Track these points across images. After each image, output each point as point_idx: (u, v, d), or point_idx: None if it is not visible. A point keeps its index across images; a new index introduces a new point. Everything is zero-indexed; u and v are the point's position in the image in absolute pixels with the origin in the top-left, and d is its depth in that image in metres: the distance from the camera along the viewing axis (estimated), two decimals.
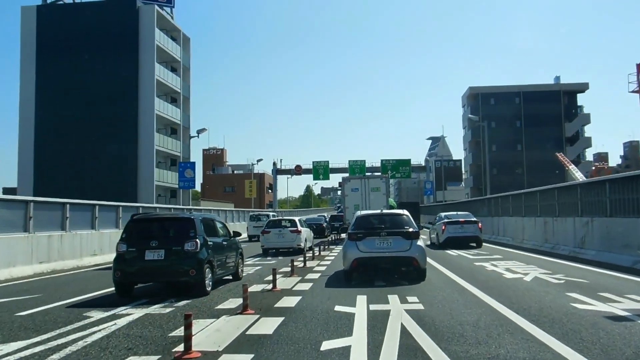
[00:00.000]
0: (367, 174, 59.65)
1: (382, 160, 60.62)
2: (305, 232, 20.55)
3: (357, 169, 60.04)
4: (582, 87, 71.61)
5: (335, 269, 13.15)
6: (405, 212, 11.77)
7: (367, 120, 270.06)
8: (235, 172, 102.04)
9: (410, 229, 10.91)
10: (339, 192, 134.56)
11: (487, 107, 71.14)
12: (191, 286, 9.42)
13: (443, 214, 22.71)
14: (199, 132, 32.52)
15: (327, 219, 38.46)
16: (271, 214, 33.13)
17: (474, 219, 21.30)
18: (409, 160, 61.44)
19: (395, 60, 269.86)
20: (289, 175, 71.40)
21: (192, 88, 54.59)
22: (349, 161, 60.47)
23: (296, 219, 21.15)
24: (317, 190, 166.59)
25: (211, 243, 9.91)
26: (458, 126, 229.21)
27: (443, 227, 20.71)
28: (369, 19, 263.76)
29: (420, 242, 10.85)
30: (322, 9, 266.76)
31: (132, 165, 44.95)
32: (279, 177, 71.24)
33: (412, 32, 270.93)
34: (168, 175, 49.09)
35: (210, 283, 9.66)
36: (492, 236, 23.53)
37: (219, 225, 11.24)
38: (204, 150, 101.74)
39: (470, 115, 31.59)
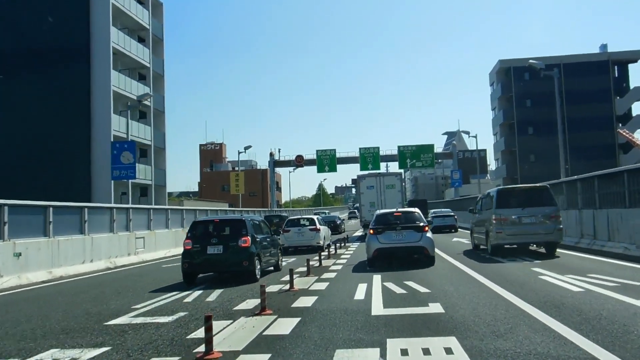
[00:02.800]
0: (381, 165, 50.42)
1: (399, 147, 50.77)
2: (324, 230, 21.23)
3: (369, 158, 50.32)
4: (635, 56, 60.48)
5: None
6: (417, 209, 14.24)
7: (376, 119, 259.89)
8: (235, 168, 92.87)
9: (421, 224, 13.11)
10: (353, 191, 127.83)
11: (520, 83, 60.71)
12: (244, 274, 11.36)
13: (432, 210, 31.81)
14: (139, 98, 23.16)
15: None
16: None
17: (452, 213, 30.66)
18: (431, 147, 51.44)
19: (410, 48, 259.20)
20: (291, 170, 61.80)
21: (188, 79, 45.61)
22: (360, 149, 50.77)
23: (315, 217, 21.98)
24: (331, 189, 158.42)
25: (258, 239, 11.87)
26: (480, 117, 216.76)
27: (430, 219, 27.29)
28: (380, 10, 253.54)
29: (429, 234, 13.09)
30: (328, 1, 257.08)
31: (83, 156, 35.53)
32: (281, 170, 62.09)
33: (431, 18, 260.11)
34: (135, 169, 39.60)
35: (259, 272, 11.67)
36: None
37: (263, 224, 13.26)
38: (201, 145, 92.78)
39: (531, 61, 21.56)
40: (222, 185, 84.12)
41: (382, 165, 51.80)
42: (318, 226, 20.61)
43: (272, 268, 13.31)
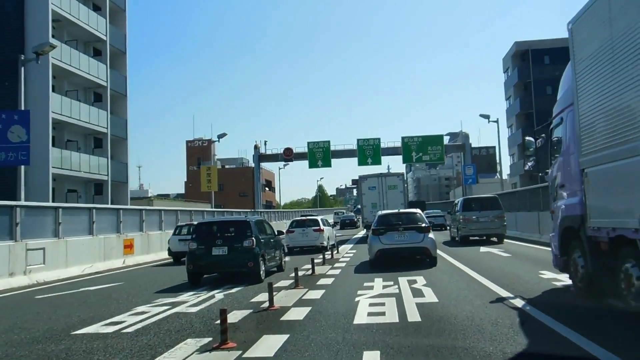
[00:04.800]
0: (382, 159, 43.74)
1: (403, 138, 43.89)
2: (328, 231, 21.52)
3: (368, 151, 43.58)
4: None
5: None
6: (419, 210, 14.55)
7: (375, 121, 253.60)
8: (226, 167, 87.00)
9: (423, 225, 13.32)
10: (355, 192, 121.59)
11: (539, 67, 53.86)
12: (249, 275, 11.37)
13: (425, 211, 36.00)
14: (36, 49, 16.31)
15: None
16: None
17: (442, 214, 35.60)
18: (440, 137, 44.74)
19: (411, 47, 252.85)
20: (281, 166, 55.26)
21: (177, 73, 38.13)
22: (358, 140, 43.96)
23: (319, 218, 22.11)
24: (331, 191, 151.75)
25: (263, 240, 11.96)
26: (491, 113, 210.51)
27: None
28: (380, 10, 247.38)
29: (431, 235, 13.16)
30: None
31: None
32: (270, 166, 55.71)
33: (434, 16, 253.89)
34: (86, 161, 32.90)
35: (264, 273, 11.63)
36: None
37: (267, 226, 13.48)
38: (187, 141, 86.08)
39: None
40: None
41: (384, 160, 44.96)
42: (322, 227, 20.82)
43: (275, 269, 13.30)
